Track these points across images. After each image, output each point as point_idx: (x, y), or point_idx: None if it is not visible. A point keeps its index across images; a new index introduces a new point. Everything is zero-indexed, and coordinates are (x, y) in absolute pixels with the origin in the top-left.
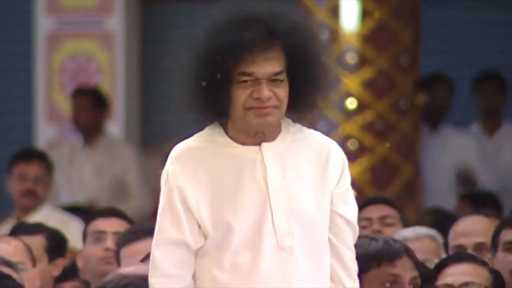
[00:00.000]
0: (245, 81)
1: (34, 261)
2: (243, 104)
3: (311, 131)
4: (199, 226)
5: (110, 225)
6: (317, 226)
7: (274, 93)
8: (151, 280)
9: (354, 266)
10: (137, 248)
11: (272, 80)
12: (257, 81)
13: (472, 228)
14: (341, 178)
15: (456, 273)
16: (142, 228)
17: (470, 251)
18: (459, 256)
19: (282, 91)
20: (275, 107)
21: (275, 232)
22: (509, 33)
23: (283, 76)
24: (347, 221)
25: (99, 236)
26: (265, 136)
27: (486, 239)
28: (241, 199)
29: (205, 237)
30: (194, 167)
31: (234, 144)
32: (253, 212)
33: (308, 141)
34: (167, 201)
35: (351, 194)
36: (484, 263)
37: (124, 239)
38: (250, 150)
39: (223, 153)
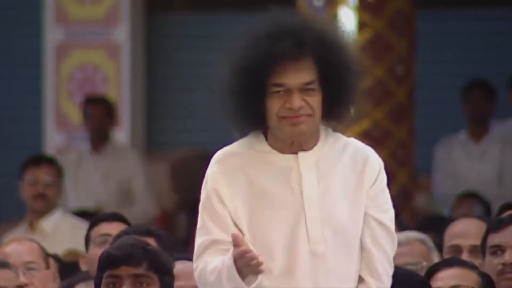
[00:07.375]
0: (278, 92)
1: (47, 262)
2: (277, 113)
3: (350, 139)
4: (234, 224)
5: (114, 229)
6: (350, 233)
7: (306, 102)
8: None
9: (381, 267)
10: None
11: (304, 89)
12: (289, 91)
13: (469, 230)
14: (376, 181)
15: (446, 277)
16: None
17: (465, 252)
18: (449, 261)
19: (314, 100)
20: (308, 115)
21: (309, 239)
22: (502, 43)
23: (315, 85)
24: (380, 223)
25: (104, 239)
26: (302, 146)
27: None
28: (277, 206)
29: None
30: (232, 171)
31: (272, 151)
32: (288, 220)
33: (345, 149)
34: (206, 203)
35: (386, 198)
36: (473, 267)
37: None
38: (287, 158)
39: (261, 160)
